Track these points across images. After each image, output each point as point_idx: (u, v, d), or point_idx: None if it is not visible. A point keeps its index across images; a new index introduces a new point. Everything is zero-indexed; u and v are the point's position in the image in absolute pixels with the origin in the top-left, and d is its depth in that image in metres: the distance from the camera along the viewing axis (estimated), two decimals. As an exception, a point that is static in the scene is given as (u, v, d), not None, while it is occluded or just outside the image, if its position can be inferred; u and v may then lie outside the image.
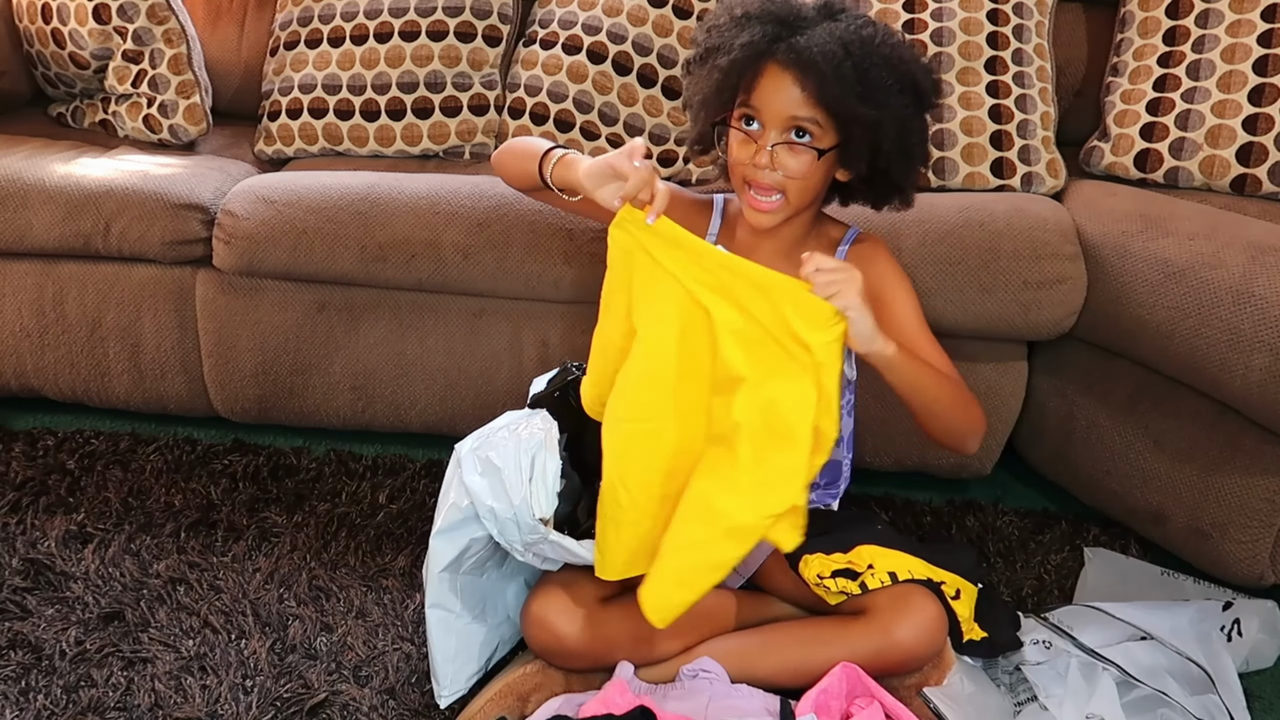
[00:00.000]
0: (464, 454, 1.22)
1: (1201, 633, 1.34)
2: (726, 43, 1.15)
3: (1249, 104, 1.65)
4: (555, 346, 1.67)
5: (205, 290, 1.73)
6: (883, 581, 1.23)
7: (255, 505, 1.66)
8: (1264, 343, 1.33)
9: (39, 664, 1.35)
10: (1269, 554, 1.43)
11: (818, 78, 1.11)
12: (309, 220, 1.62)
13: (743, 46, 1.13)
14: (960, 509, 1.67)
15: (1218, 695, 1.26)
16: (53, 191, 1.70)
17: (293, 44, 1.98)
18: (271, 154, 1.98)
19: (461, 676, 1.29)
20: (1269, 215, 1.57)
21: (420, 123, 1.92)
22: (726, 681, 1.24)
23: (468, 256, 1.59)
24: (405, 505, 1.66)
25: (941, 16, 1.78)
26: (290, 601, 1.46)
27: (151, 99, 1.93)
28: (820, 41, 1.11)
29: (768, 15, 1.15)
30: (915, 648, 1.22)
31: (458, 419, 1.73)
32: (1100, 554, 1.56)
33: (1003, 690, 1.29)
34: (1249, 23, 1.68)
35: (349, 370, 1.73)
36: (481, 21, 1.94)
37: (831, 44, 1.11)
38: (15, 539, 1.57)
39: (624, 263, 1.15)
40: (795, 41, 1.12)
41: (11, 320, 1.78)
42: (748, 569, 1.38)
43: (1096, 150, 1.77)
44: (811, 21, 1.15)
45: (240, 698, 1.30)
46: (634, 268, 1.14)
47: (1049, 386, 1.62)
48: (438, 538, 1.22)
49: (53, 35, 1.96)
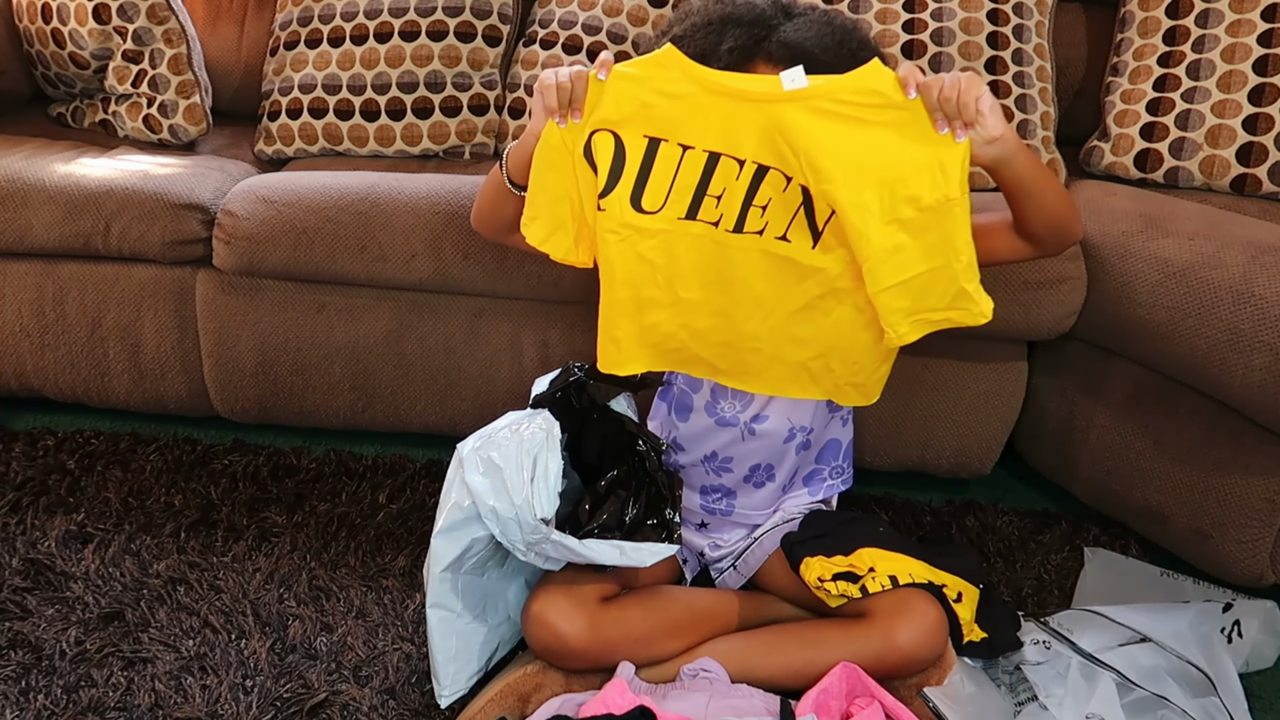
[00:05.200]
0: (466, 454, 1.22)
1: (1202, 635, 1.34)
2: (708, 50, 1.15)
3: (1249, 104, 1.65)
4: (555, 346, 1.67)
5: (205, 290, 1.73)
6: (883, 585, 1.23)
7: (255, 505, 1.66)
8: (1264, 343, 1.33)
9: (39, 664, 1.35)
10: (1269, 554, 1.43)
11: (814, 65, 1.12)
12: (309, 220, 1.62)
13: (730, 52, 1.14)
14: (960, 509, 1.67)
15: (1218, 698, 1.26)
16: (53, 191, 1.69)
17: (293, 44, 1.98)
18: (271, 154, 1.98)
19: (462, 676, 1.29)
20: (1269, 215, 1.57)
21: (420, 123, 1.92)
22: (727, 682, 1.24)
23: (468, 256, 1.59)
24: (405, 505, 1.66)
25: (941, 16, 1.78)
26: (290, 601, 1.46)
27: (151, 99, 1.93)
28: (806, 32, 1.15)
29: (740, 18, 1.16)
30: (916, 652, 1.22)
31: (458, 419, 1.73)
32: (1100, 554, 1.56)
33: (1003, 690, 1.29)
34: (1249, 23, 1.68)
35: (349, 370, 1.73)
36: (481, 21, 1.94)
37: (817, 31, 1.15)
38: (15, 539, 1.57)
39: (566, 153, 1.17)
40: (782, 36, 1.14)
41: (11, 320, 1.78)
42: (748, 569, 1.38)
43: (1096, 150, 1.77)
44: (780, 19, 1.17)
45: (240, 698, 1.30)
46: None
47: (1049, 386, 1.62)
48: (439, 537, 1.22)
49: (53, 35, 1.96)
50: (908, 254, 1.12)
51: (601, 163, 1.16)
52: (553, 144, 1.16)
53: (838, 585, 1.24)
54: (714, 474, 1.37)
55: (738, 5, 1.18)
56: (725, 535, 1.41)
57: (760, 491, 1.38)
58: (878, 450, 1.66)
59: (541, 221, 1.21)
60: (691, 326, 1.23)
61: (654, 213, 1.17)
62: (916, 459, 1.67)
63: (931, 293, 1.14)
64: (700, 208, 1.16)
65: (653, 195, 1.16)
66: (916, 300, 1.14)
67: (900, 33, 1.78)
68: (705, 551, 1.42)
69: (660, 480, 1.27)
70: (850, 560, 1.25)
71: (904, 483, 1.73)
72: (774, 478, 1.37)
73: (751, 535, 1.39)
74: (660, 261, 1.19)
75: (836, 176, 1.09)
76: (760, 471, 1.36)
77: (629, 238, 1.18)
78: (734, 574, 1.39)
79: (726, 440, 1.34)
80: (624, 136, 1.15)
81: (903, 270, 1.12)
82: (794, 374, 1.25)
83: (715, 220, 1.17)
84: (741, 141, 1.12)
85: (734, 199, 1.15)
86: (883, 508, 1.68)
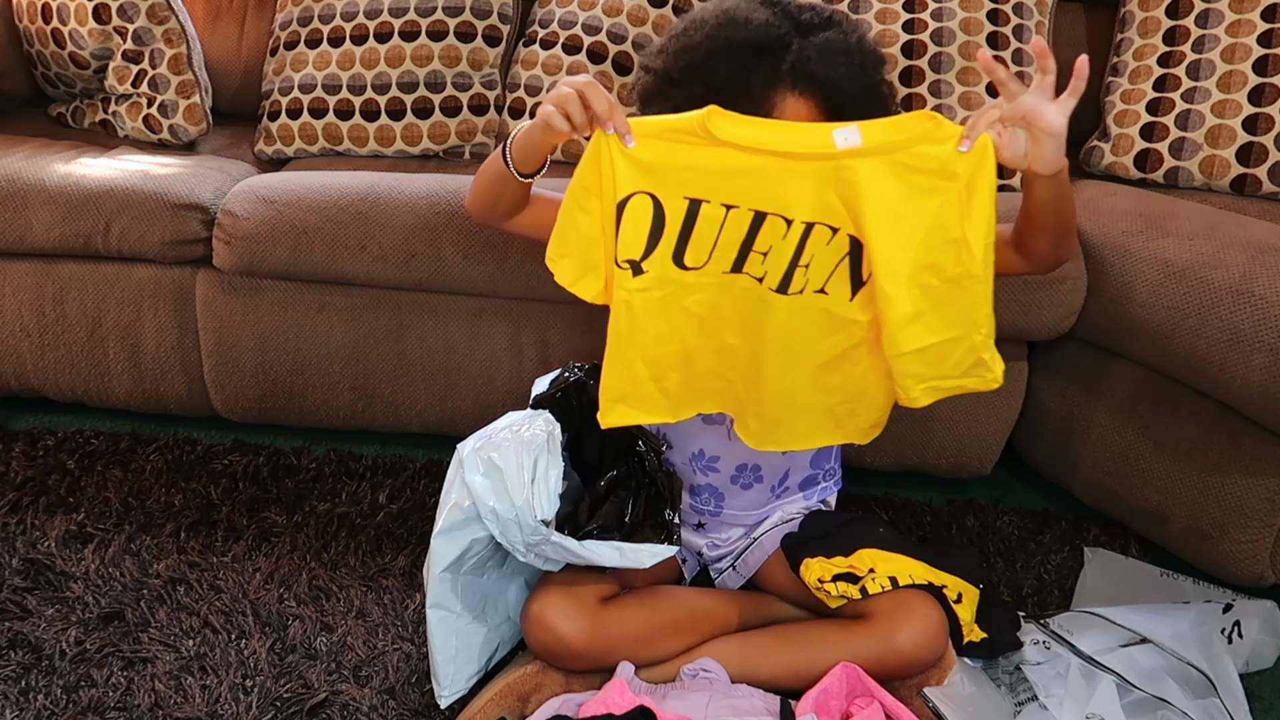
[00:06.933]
0: (466, 454, 1.22)
1: (1202, 636, 1.34)
2: (731, 83, 1.12)
3: (1249, 104, 1.65)
4: (555, 346, 1.67)
5: (205, 290, 1.72)
6: (883, 586, 1.23)
7: (255, 505, 1.66)
8: (1264, 343, 1.33)
9: (39, 664, 1.35)
10: (1269, 554, 1.43)
11: (838, 98, 1.12)
12: (309, 220, 1.62)
13: (754, 87, 1.12)
14: (960, 509, 1.67)
15: (1219, 698, 1.26)
16: (53, 191, 1.69)
17: (293, 44, 1.98)
18: (271, 154, 1.98)
19: (462, 677, 1.29)
20: (1269, 215, 1.57)
21: (420, 123, 1.92)
22: (727, 682, 1.24)
23: (468, 256, 1.59)
24: (405, 505, 1.66)
25: (941, 16, 1.78)
26: (290, 601, 1.46)
27: (151, 99, 1.93)
28: (829, 62, 1.12)
29: (754, 42, 1.13)
30: (916, 654, 1.22)
31: (458, 419, 1.73)
32: (1100, 554, 1.56)
33: (1003, 690, 1.29)
34: (1249, 23, 1.68)
35: (349, 370, 1.73)
36: (481, 21, 1.94)
37: (841, 61, 1.13)
38: (15, 539, 1.57)
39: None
40: (805, 65, 1.12)
41: (11, 320, 1.78)
42: (748, 569, 1.38)
43: (1096, 150, 1.77)
44: (792, 34, 1.14)
45: (240, 698, 1.30)
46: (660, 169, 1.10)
47: (1049, 386, 1.62)
48: (439, 538, 1.22)
49: (53, 35, 1.96)
50: (928, 321, 1.10)
51: (639, 226, 1.11)
52: (584, 184, 1.11)
53: (838, 586, 1.24)
54: (702, 473, 1.37)
55: (746, 25, 1.14)
56: (723, 535, 1.41)
57: (748, 493, 1.37)
58: (877, 450, 1.65)
59: (572, 262, 1.16)
60: (736, 373, 1.20)
61: (698, 269, 1.13)
62: (916, 459, 1.67)
63: (948, 360, 1.13)
64: (746, 262, 1.13)
65: (696, 252, 1.12)
66: (932, 367, 1.13)
67: (900, 33, 1.78)
68: (704, 551, 1.42)
69: (660, 481, 1.27)
70: (850, 561, 1.25)
71: (904, 483, 1.73)
72: (761, 479, 1.36)
73: (751, 535, 1.39)
74: (705, 313, 1.16)
75: (875, 236, 1.07)
76: (747, 472, 1.36)
77: (674, 294, 1.14)
78: (733, 574, 1.39)
79: (713, 439, 1.34)
80: (663, 199, 1.10)
81: (921, 338, 1.11)
82: (820, 422, 1.22)
83: (760, 276, 1.13)
84: (790, 200, 1.09)
85: (780, 257, 1.11)
86: (883, 508, 1.68)
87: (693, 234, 1.11)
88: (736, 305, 1.15)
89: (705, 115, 1.07)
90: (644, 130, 1.08)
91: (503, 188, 1.25)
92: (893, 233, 1.07)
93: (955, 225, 1.07)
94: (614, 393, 1.19)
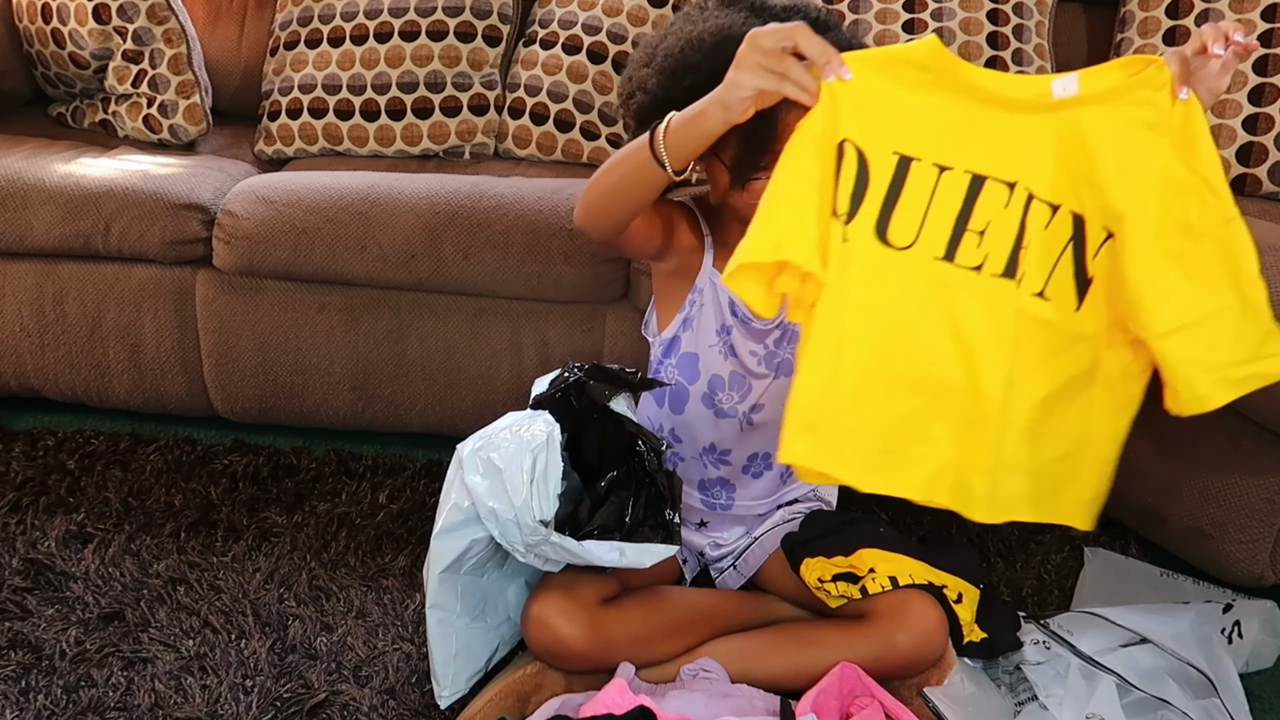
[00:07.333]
0: (465, 455, 1.22)
1: (1202, 636, 1.34)
2: None
3: (1249, 104, 1.65)
4: (555, 346, 1.67)
5: (205, 290, 1.73)
6: (883, 586, 1.23)
7: (255, 505, 1.66)
8: (1264, 343, 1.33)
9: (39, 664, 1.35)
10: (1269, 554, 1.43)
11: None
12: (309, 220, 1.62)
13: None
14: (960, 509, 1.67)
15: (1219, 699, 1.26)
16: (53, 191, 1.69)
17: (293, 44, 1.98)
18: (271, 154, 1.98)
19: (462, 677, 1.29)
20: (1269, 215, 1.57)
21: (420, 123, 1.92)
22: (727, 681, 1.24)
23: (468, 256, 1.59)
24: (405, 505, 1.66)
25: (941, 16, 1.78)
26: (290, 601, 1.46)
27: (151, 99, 1.93)
28: None
29: None
30: (917, 654, 1.22)
31: (458, 419, 1.73)
32: (1100, 554, 1.56)
33: (1003, 690, 1.29)
34: (1249, 23, 1.68)
35: (349, 370, 1.73)
36: (481, 21, 1.94)
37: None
38: (15, 539, 1.57)
39: None
40: None
41: (11, 320, 1.78)
42: (748, 569, 1.38)
43: (1096, 150, 1.77)
44: None
45: (240, 698, 1.30)
46: None
47: (1049, 386, 1.62)
48: (438, 538, 1.22)
49: (53, 35, 1.96)
50: (1189, 293, 0.95)
51: (843, 183, 0.95)
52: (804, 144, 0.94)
53: (838, 586, 1.24)
54: (713, 466, 1.37)
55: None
56: (725, 534, 1.41)
57: (759, 481, 1.38)
58: (878, 450, 1.66)
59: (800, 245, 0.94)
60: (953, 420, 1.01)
61: (905, 248, 0.96)
62: (916, 459, 1.67)
63: (1224, 337, 0.96)
64: (959, 247, 0.97)
65: (902, 224, 0.96)
66: (1210, 349, 0.96)
67: (900, 33, 1.78)
68: (705, 551, 1.42)
69: (660, 481, 1.27)
70: (850, 561, 1.25)
71: (904, 483, 1.72)
72: (770, 465, 1.37)
73: (751, 535, 1.39)
74: (907, 320, 0.98)
75: (1112, 191, 0.95)
76: (759, 460, 1.36)
77: (871, 281, 0.96)
78: (734, 574, 1.39)
79: (726, 432, 1.34)
80: (868, 153, 0.95)
81: (1184, 312, 0.95)
82: (1030, 488, 1.03)
83: (978, 264, 0.97)
84: (1009, 161, 0.95)
85: (1002, 237, 0.96)
86: (883, 508, 1.68)
87: (899, 199, 0.96)
88: (942, 311, 0.97)
89: (930, 44, 0.95)
90: (863, 61, 0.94)
91: (641, 191, 1.10)
92: (1132, 187, 0.94)
93: (1185, 172, 0.94)
94: (802, 417, 0.99)
